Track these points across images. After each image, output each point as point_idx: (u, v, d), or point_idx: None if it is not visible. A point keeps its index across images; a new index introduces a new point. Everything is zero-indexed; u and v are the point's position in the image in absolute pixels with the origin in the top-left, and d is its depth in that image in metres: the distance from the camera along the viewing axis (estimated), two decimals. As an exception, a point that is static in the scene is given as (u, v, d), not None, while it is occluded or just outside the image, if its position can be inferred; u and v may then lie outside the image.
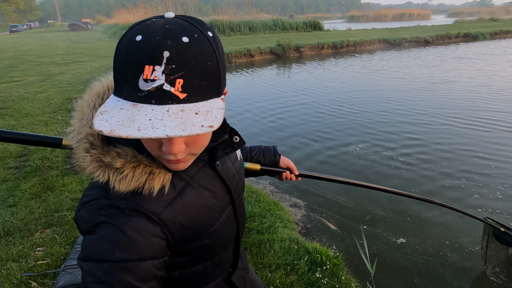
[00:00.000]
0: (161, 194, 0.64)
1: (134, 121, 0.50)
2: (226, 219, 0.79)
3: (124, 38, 0.54)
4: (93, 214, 0.61)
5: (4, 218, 2.78)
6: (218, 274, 0.90)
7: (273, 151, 1.22)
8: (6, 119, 5.59)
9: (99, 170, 0.60)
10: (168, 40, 0.52)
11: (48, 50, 17.69)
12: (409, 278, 2.48)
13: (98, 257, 0.59)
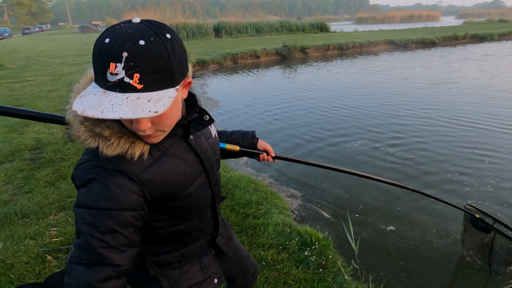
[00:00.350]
0: (140, 160, 0.80)
1: (100, 105, 0.66)
2: (199, 184, 0.96)
3: (99, 40, 0.71)
4: (85, 173, 0.78)
5: (21, 202, 3.01)
6: (201, 235, 1.07)
7: (252, 135, 1.39)
8: (20, 116, 5.88)
9: (90, 138, 0.76)
10: (127, 43, 0.66)
11: (59, 51, 18.15)
12: (394, 260, 2.65)
13: (87, 204, 0.76)
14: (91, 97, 0.68)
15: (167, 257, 1.00)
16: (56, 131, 4.98)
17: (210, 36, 23.98)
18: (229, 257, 1.25)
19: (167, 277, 1.01)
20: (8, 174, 3.64)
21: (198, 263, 1.09)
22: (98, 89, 0.69)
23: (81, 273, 0.73)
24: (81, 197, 0.77)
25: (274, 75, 11.75)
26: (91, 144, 0.76)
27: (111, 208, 0.75)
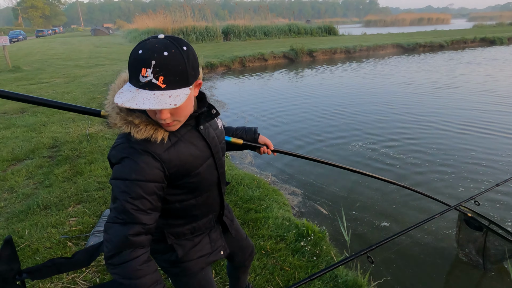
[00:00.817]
0: (162, 143, 1.03)
1: (134, 99, 0.90)
2: (207, 166, 1.18)
3: (133, 51, 0.95)
4: (120, 152, 1.02)
5: (42, 195, 3.28)
6: (209, 211, 1.30)
7: (254, 130, 1.61)
8: (38, 116, 6.21)
9: (124, 125, 1.00)
10: (155, 54, 0.89)
11: (72, 54, 18.65)
12: (386, 253, 2.83)
13: (122, 177, 0.99)
14: (127, 93, 0.92)
15: (181, 229, 1.22)
16: (72, 131, 5.27)
17: (219, 39, 24.33)
18: (231, 236, 1.48)
19: (182, 247, 1.23)
20: (29, 170, 3.92)
21: (207, 237, 1.31)
22: (132, 87, 0.92)
23: (118, 229, 0.96)
24: (117, 171, 1.00)
25: (280, 78, 11.97)
26: (125, 129, 0.99)
27: (140, 180, 0.98)
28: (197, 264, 1.27)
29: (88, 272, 2.27)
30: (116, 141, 1.05)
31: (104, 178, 3.65)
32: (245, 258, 1.61)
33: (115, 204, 0.98)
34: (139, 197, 0.98)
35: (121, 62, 14.26)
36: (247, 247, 1.61)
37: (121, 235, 0.96)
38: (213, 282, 1.36)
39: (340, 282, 2.18)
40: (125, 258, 0.96)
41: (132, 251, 0.97)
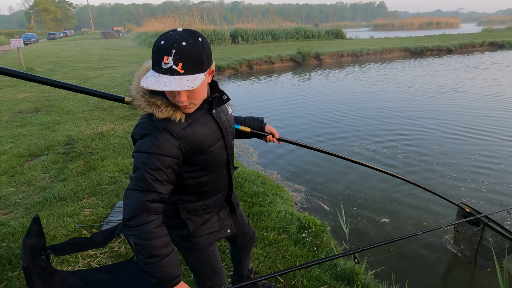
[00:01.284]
0: (179, 123, 1.18)
1: (158, 83, 1.05)
2: (219, 146, 1.33)
3: (157, 41, 1.10)
4: (142, 130, 1.17)
5: (58, 188, 3.46)
6: (218, 189, 1.43)
7: (261, 120, 1.76)
8: (52, 115, 6.44)
9: (148, 106, 1.15)
10: (175, 43, 1.04)
11: (84, 56, 19.04)
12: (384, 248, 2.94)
13: (143, 150, 1.14)
14: (152, 78, 1.07)
15: (193, 205, 1.36)
16: (84, 129, 5.47)
17: (227, 42, 24.59)
18: (236, 220, 1.62)
19: (193, 222, 1.37)
20: (45, 165, 4.11)
21: (216, 215, 1.45)
22: (155, 73, 1.07)
23: (136, 195, 1.11)
24: (139, 145, 1.15)
25: (286, 81, 12.11)
26: (148, 110, 1.14)
27: (158, 153, 1.12)
28: (206, 240, 1.42)
29: (102, 257, 2.43)
30: (139, 121, 1.21)
31: (115, 173, 3.82)
32: (246, 242, 1.75)
33: (135, 173, 1.13)
34: (157, 168, 1.12)
35: (130, 64, 14.55)
36: (249, 232, 1.75)
37: (139, 200, 1.10)
38: (219, 257, 1.50)
39: (338, 270, 2.30)
40: (141, 221, 1.10)
41: (148, 215, 1.11)
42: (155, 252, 1.11)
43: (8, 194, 3.43)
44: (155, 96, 1.15)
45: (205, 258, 1.43)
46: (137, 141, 1.18)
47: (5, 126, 5.75)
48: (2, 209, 3.16)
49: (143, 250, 1.11)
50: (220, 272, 1.49)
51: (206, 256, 1.43)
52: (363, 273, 2.27)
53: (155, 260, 1.11)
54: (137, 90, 1.17)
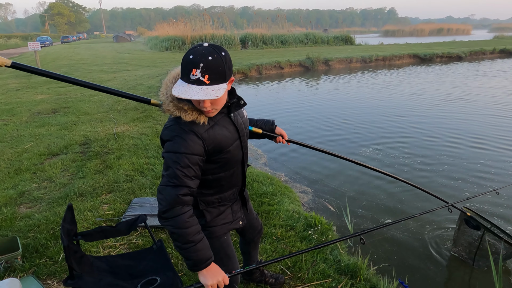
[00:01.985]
0: (203, 125, 1.35)
1: (187, 92, 1.22)
2: (236, 146, 1.49)
3: (186, 55, 1.26)
4: (171, 132, 1.33)
5: (78, 185, 3.67)
6: (233, 184, 1.60)
7: (271, 122, 1.93)
8: (68, 116, 6.69)
9: (176, 110, 1.32)
10: (202, 58, 1.19)
11: (97, 59, 19.49)
12: (387, 247, 3.07)
13: (173, 150, 1.31)
14: (181, 87, 1.24)
15: (211, 198, 1.53)
16: (100, 130, 5.70)
17: (236, 47, 24.90)
18: (246, 213, 1.78)
19: (210, 213, 1.54)
20: (64, 163, 4.33)
21: (230, 208, 1.62)
22: (184, 83, 1.24)
23: (170, 191, 1.28)
24: (170, 146, 1.31)
25: (294, 86, 12.28)
26: (176, 114, 1.31)
27: (187, 153, 1.29)
28: (221, 229, 1.58)
29: (121, 248, 2.61)
30: (167, 124, 1.37)
31: (131, 172, 4.02)
32: (255, 234, 1.91)
33: (168, 171, 1.30)
34: (187, 166, 1.29)
35: (142, 68, 14.87)
36: (257, 226, 1.91)
37: (174, 195, 1.28)
38: (232, 246, 1.66)
39: (342, 265, 2.44)
40: (176, 213, 1.28)
41: (182, 207, 1.29)
42: (190, 238, 1.29)
43: (31, 189, 3.64)
44: (182, 101, 1.31)
45: (220, 246, 1.59)
46: (166, 142, 1.34)
47: (25, 126, 6.02)
48: (26, 203, 3.37)
49: (179, 238, 1.29)
50: (234, 258, 1.64)
51: (221, 244, 1.59)
52: (366, 268, 2.40)
53: (190, 246, 1.29)
54: (166, 96, 1.33)
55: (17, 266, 2.38)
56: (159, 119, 6.42)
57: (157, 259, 1.91)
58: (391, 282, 2.27)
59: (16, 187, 3.67)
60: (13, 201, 3.38)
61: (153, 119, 6.46)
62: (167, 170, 1.30)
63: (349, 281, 2.29)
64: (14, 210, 3.19)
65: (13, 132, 5.66)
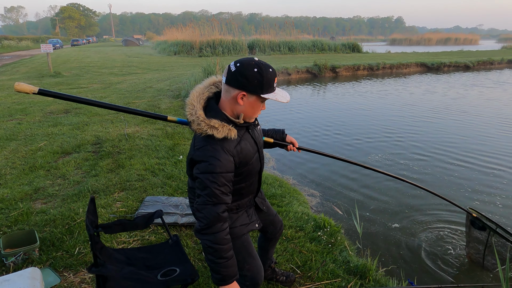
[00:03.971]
0: (233, 142, 1.42)
1: (284, 97, 1.43)
2: (256, 158, 1.57)
3: (265, 69, 1.37)
4: (205, 153, 1.39)
5: (91, 183, 3.75)
6: (250, 193, 1.68)
7: (282, 131, 2.00)
8: (80, 117, 6.82)
9: (208, 129, 1.38)
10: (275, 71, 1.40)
11: (106, 62, 19.77)
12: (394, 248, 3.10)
13: (210, 171, 1.37)
14: (278, 95, 1.43)
15: (230, 205, 1.59)
16: (111, 131, 5.80)
17: (244, 52, 25.09)
18: (264, 212, 1.85)
19: (230, 218, 1.61)
20: (77, 162, 4.42)
21: (245, 212, 1.70)
22: (274, 92, 1.42)
23: (211, 209, 1.37)
24: (205, 167, 1.38)
25: (301, 92, 12.36)
26: (208, 132, 1.37)
27: (223, 172, 1.38)
28: (240, 230, 1.66)
29: (135, 244, 2.67)
30: (197, 145, 1.43)
31: (142, 171, 4.10)
32: (276, 231, 1.97)
33: (205, 191, 1.37)
34: (223, 184, 1.38)
35: (151, 72, 15.07)
36: (277, 222, 1.97)
37: (214, 213, 1.37)
38: (253, 245, 1.73)
39: (351, 266, 2.48)
40: (217, 230, 1.38)
41: (222, 224, 1.39)
42: (224, 254, 1.39)
43: (46, 186, 3.73)
44: (212, 119, 1.39)
45: (241, 245, 1.65)
46: (200, 163, 1.40)
47: (38, 125, 6.14)
48: (41, 199, 3.46)
49: (215, 253, 1.38)
50: (256, 256, 1.71)
51: (242, 243, 1.65)
52: (375, 269, 2.44)
53: (223, 261, 1.39)
54: (195, 116, 1.40)
55: (35, 258, 2.45)
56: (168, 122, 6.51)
57: (173, 252, 1.97)
58: (400, 283, 2.30)
59: (31, 184, 3.76)
60: (28, 197, 3.47)
61: (162, 121, 6.55)
62: (204, 189, 1.38)
63: (358, 281, 2.33)
64: (30, 206, 3.28)
65: (26, 131, 5.78)
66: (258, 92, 1.38)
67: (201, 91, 1.48)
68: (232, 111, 1.44)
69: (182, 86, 10.30)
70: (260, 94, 1.39)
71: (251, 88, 1.37)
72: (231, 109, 1.44)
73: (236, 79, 1.37)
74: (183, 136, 5.57)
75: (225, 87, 1.42)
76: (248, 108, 1.43)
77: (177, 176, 3.97)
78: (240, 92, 1.38)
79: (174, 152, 4.79)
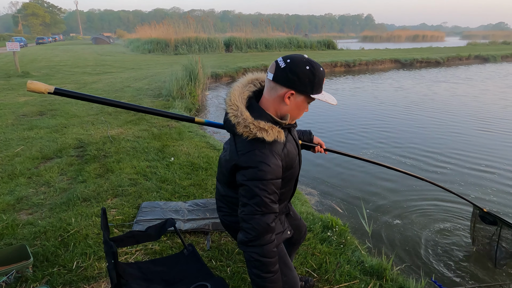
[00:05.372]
0: (281, 144, 1.31)
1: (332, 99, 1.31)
2: (297, 161, 1.46)
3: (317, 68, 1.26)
4: (253, 158, 1.25)
5: (80, 189, 3.51)
6: (286, 198, 1.57)
7: (309, 132, 1.90)
8: (57, 119, 6.44)
9: (258, 131, 1.25)
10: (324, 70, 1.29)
11: (78, 61, 18.94)
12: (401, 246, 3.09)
13: (259, 178, 1.24)
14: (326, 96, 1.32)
15: None
16: (94, 133, 5.51)
17: (221, 50, 24.82)
18: (291, 216, 1.75)
19: None
20: (61, 167, 4.14)
21: (279, 221, 1.57)
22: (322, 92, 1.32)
23: (260, 219, 1.24)
24: (253, 174, 1.25)
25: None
26: (258, 134, 1.24)
27: (272, 178, 1.26)
28: (277, 240, 1.53)
29: (138, 254, 2.50)
30: (243, 149, 1.29)
31: (134, 175, 3.89)
32: (301, 236, 1.88)
33: (254, 199, 1.24)
34: (273, 192, 1.27)
35: (127, 70, 14.56)
36: (302, 226, 1.88)
37: (264, 223, 1.25)
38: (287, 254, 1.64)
39: (366, 266, 2.43)
40: (266, 241, 1.26)
41: (271, 235, 1.27)
42: (271, 268, 1.27)
43: (29, 195, 3.46)
44: (260, 121, 1.26)
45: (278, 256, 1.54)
46: (247, 169, 1.26)
47: (12, 129, 5.73)
48: (25, 209, 3.19)
49: (261, 266, 1.26)
50: (292, 267, 1.61)
51: (278, 254, 1.54)
52: (390, 268, 2.40)
53: (270, 276, 1.27)
54: (242, 118, 1.26)
55: (29, 275, 2.24)
56: (153, 122, 6.28)
57: (190, 264, 1.84)
58: (419, 281, 2.28)
59: (12, 193, 3.47)
60: (11, 208, 3.19)
61: (147, 121, 6.31)
62: (253, 198, 1.25)
63: (377, 282, 2.28)
64: (14, 217, 3.01)
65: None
66: (308, 91, 1.27)
67: (241, 90, 1.35)
68: (276, 111, 1.32)
69: (162, 85, 10.00)
70: (309, 94, 1.28)
71: (301, 87, 1.26)
72: (275, 109, 1.32)
73: (285, 77, 1.25)
74: (171, 137, 5.36)
75: (271, 84, 1.29)
76: (294, 109, 1.32)
77: (172, 179, 3.79)
78: (288, 90, 1.26)
79: (164, 154, 4.59)
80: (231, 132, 1.34)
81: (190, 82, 8.99)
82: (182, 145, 4.98)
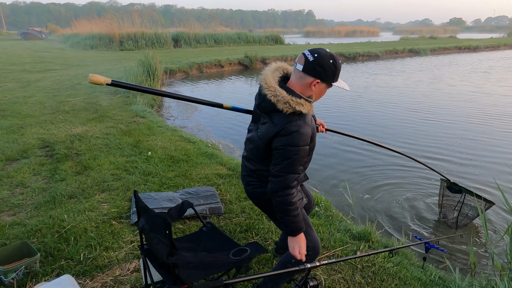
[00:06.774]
0: (310, 117, 1.57)
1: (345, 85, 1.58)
2: (316, 134, 1.70)
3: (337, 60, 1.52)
4: (290, 127, 1.49)
5: (61, 187, 3.42)
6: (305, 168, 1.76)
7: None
8: (9, 119, 6.00)
9: (296, 105, 1.48)
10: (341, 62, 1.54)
11: (11, 58, 17.32)
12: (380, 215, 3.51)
13: (294, 144, 1.49)
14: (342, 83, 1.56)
15: None
16: (56, 132, 5.26)
17: (169, 45, 24.21)
18: (304, 188, 1.99)
19: None
20: (32, 167, 3.96)
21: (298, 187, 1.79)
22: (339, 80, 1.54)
23: (285, 177, 1.50)
24: (290, 140, 1.49)
25: (235, 83, 12.56)
26: (296, 108, 1.48)
27: (304, 145, 1.51)
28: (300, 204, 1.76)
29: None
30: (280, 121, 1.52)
31: (115, 170, 3.86)
32: (310, 205, 2.14)
33: (286, 161, 1.50)
34: (302, 156, 1.53)
35: (73, 67, 13.72)
36: (311, 197, 2.16)
37: (288, 181, 1.52)
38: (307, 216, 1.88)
39: (354, 232, 2.76)
40: (287, 193, 1.53)
41: (291, 190, 1.53)
42: (291, 213, 1.56)
43: (5, 197, 3.30)
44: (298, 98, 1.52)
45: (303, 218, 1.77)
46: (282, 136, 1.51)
47: (-41, 131, 5.26)
48: (6, 211, 3.06)
49: (284, 211, 1.56)
50: (313, 228, 1.86)
51: (303, 215, 1.77)
52: (374, 232, 2.76)
53: (291, 218, 1.57)
54: (281, 97, 1.50)
55: (38, 270, 2.23)
56: (117, 119, 6.14)
57: (213, 238, 2.00)
58: (399, 241, 2.66)
59: (-15, 196, 3.28)
60: (-11, 210, 3.04)
61: (111, 119, 6.14)
62: (284, 160, 1.50)
63: (366, 244, 2.62)
64: (-3, 219, 2.89)
65: None
66: (330, 80, 1.56)
67: (272, 74, 1.59)
68: (302, 94, 1.57)
69: (117, 81, 9.63)
70: (331, 82, 1.56)
71: (325, 77, 1.54)
72: (301, 92, 1.57)
73: (313, 69, 1.51)
74: (142, 133, 5.32)
75: (299, 74, 1.54)
76: (317, 94, 1.60)
77: (156, 172, 3.84)
78: (315, 80, 1.53)
79: (140, 149, 4.57)
80: (268, 111, 1.56)
81: (149, 77, 8.82)
82: (156, 140, 4.99)
